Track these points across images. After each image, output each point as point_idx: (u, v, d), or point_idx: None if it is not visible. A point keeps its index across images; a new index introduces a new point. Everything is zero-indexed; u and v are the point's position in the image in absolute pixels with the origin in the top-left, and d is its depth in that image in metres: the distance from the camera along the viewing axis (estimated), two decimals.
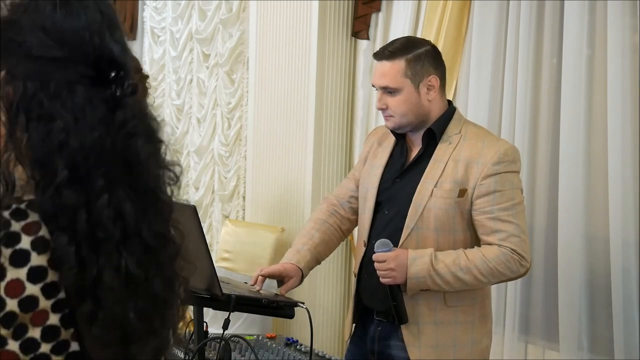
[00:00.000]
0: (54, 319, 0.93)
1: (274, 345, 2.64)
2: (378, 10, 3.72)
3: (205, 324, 2.11)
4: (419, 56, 2.24)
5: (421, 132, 2.30)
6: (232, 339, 2.09)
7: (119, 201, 0.94)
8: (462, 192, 2.21)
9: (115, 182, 0.95)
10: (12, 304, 0.90)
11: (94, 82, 0.97)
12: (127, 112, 0.98)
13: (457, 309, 2.26)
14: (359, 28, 3.80)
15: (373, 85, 2.33)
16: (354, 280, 2.46)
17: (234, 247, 4.10)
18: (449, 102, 2.36)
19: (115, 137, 0.96)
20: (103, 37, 0.98)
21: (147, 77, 3.15)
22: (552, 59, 3.06)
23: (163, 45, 4.99)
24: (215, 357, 1.99)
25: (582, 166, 2.89)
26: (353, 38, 3.87)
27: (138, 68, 3.09)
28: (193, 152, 4.68)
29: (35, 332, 0.92)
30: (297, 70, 3.91)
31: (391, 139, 2.39)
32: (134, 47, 5.46)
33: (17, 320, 0.91)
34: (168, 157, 1.06)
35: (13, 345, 0.92)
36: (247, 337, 2.69)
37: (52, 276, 0.92)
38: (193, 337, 2.09)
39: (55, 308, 0.93)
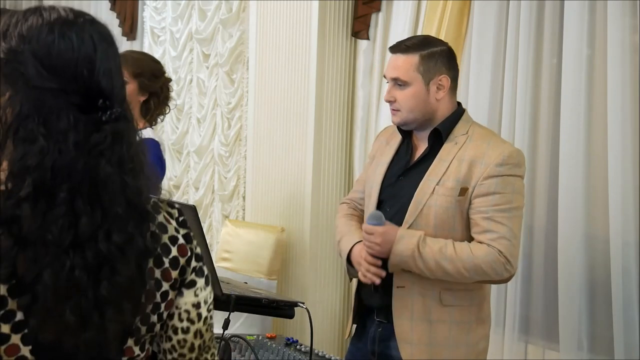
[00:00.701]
0: (2, 290, 1.05)
1: (274, 345, 2.64)
2: (378, 10, 3.72)
3: None
4: (433, 54, 2.26)
5: (427, 132, 2.30)
6: (232, 339, 2.09)
7: (76, 213, 1.06)
8: (463, 191, 2.21)
9: (77, 196, 1.07)
10: None
11: (82, 109, 1.10)
12: (102, 135, 1.10)
13: (452, 309, 2.26)
14: (359, 28, 3.80)
15: (384, 77, 2.35)
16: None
17: (234, 247, 4.10)
18: (459, 104, 2.36)
19: (86, 158, 1.08)
20: (92, 71, 1.11)
21: (169, 80, 3.14)
22: (552, 59, 3.06)
23: (163, 45, 4.99)
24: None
25: (582, 166, 2.89)
26: (353, 38, 3.87)
27: (156, 74, 3.05)
28: (193, 152, 4.68)
29: None
30: (297, 70, 3.91)
31: (398, 138, 2.40)
32: (134, 47, 5.46)
33: None
34: (136, 181, 1.14)
35: None
36: (247, 337, 2.69)
37: None
38: None
39: (2, 280, 1.05)
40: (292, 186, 3.95)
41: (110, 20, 5.67)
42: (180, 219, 1.25)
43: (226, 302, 1.98)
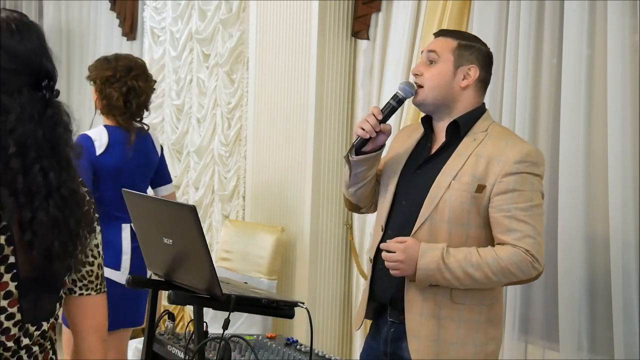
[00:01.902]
0: (2, 240, 1.42)
1: (274, 345, 2.65)
2: (378, 10, 3.72)
3: (205, 324, 2.11)
4: (471, 47, 2.31)
5: (446, 123, 2.30)
6: (232, 339, 2.09)
7: (45, 168, 1.45)
8: (480, 188, 2.20)
9: (43, 156, 1.45)
10: None
11: (32, 87, 1.47)
12: (54, 109, 1.49)
13: (462, 307, 2.24)
14: (359, 28, 3.80)
15: (421, 53, 2.40)
16: (369, 266, 2.44)
17: (234, 247, 4.10)
18: (483, 103, 2.37)
19: (45, 126, 1.46)
20: (41, 58, 1.49)
21: (149, 77, 3.33)
22: (552, 59, 3.06)
23: (163, 45, 4.99)
24: (215, 357, 1.99)
25: (582, 166, 2.89)
26: (353, 38, 3.87)
27: (129, 67, 3.28)
28: (193, 152, 4.68)
29: None
30: (297, 70, 3.91)
31: (420, 132, 2.41)
32: (134, 47, 5.46)
33: None
34: (73, 141, 1.53)
35: None
36: (247, 337, 2.69)
37: None
38: (193, 337, 2.09)
39: (1, 232, 1.41)
40: (292, 186, 3.95)
41: (110, 20, 5.68)
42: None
43: (226, 302, 1.98)
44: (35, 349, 1.52)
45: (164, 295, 3.48)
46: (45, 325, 1.53)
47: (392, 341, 2.32)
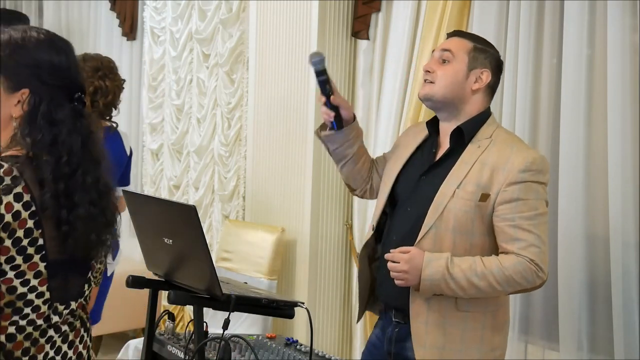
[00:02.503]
0: (30, 224, 1.57)
1: (274, 345, 2.65)
2: (378, 10, 3.72)
3: (205, 324, 2.11)
4: (485, 51, 2.32)
5: (451, 126, 2.29)
6: (232, 339, 2.09)
7: (85, 172, 1.65)
8: (484, 197, 2.18)
9: (82, 160, 1.65)
10: (8, 217, 1.56)
11: (69, 100, 1.67)
12: (87, 119, 1.70)
13: (467, 315, 2.23)
14: (359, 28, 3.80)
15: (432, 52, 2.38)
16: (361, 262, 2.46)
17: (234, 247, 4.10)
18: (488, 108, 2.36)
19: (83, 135, 1.67)
20: (76, 73, 1.70)
21: (117, 77, 3.46)
22: (552, 59, 3.06)
23: (163, 45, 4.99)
24: (215, 357, 1.99)
25: (582, 166, 2.89)
26: (353, 38, 3.87)
27: (96, 67, 3.36)
28: (193, 152, 4.68)
29: (20, 233, 1.57)
30: (297, 70, 3.91)
31: (424, 134, 2.41)
32: (134, 47, 5.46)
33: (10, 227, 1.56)
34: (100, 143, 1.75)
35: (7, 243, 1.56)
36: (247, 337, 2.69)
37: (26, 197, 1.57)
38: (193, 337, 2.09)
39: (30, 216, 1.57)
40: (292, 186, 3.95)
41: (110, 20, 5.68)
42: None
43: (226, 302, 1.98)
44: (65, 327, 1.67)
45: (164, 295, 3.48)
46: (73, 305, 1.68)
47: (397, 341, 2.32)
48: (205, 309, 2.05)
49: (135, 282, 2.18)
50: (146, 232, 2.20)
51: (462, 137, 2.28)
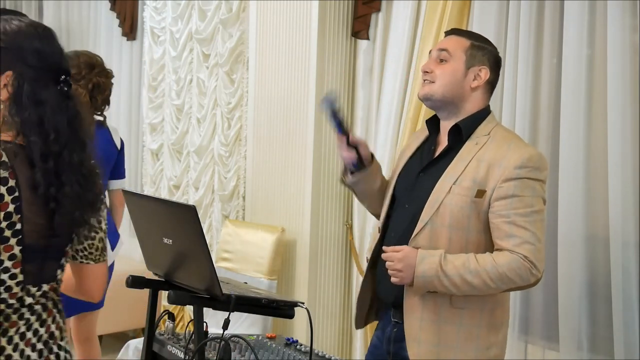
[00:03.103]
0: (11, 208, 1.63)
1: (274, 345, 2.64)
2: (378, 10, 3.72)
3: (205, 324, 2.11)
4: (483, 48, 2.31)
5: (452, 123, 2.29)
6: (232, 339, 2.09)
7: (71, 151, 1.71)
8: (480, 193, 2.18)
9: (69, 141, 1.71)
10: None
11: (55, 82, 1.74)
12: (73, 101, 1.76)
13: (462, 311, 2.23)
14: (359, 28, 3.80)
15: (429, 52, 2.37)
16: (365, 264, 2.46)
17: (234, 247, 4.10)
18: (488, 106, 2.36)
19: (69, 115, 1.74)
20: (60, 57, 1.77)
21: (109, 73, 3.53)
22: (552, 59, 3.06)
23: (163, 45, 4.99)
24: (215, 357, 1.99)
25: (582, 166, 2.89)
26: (353, 38, 3.87)
27: (91, 64, 3.43)
28: (193, 152, 4.68)
29: None
30: (297, 70, 3.91)
31: (425, 134, 2.41)
32: (134, 47, 5.47)
33: None
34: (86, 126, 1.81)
35: None
36: (247, 337, 2.69)
37: (11, 182, 1.64)
38: (193, 337, 2.09)
39: (13, 201, 1.64)
40: (292, 186, 3.95)
41: (110, 20, 5.68)
42: None
43: (226, 302, 1.98)
44: (38, 307, 1.73)
45: (164, 295, 3.48)
46: (45, 287, 1.75)
47: (395, 341, 2.32)
48: (205, 309, 2.05)
49: (135, 282, 2.18)
50: (146, 232, 2.20)
51: (460, 134, 2.28)
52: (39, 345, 1.74)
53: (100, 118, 3.51)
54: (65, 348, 1.81)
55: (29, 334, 1.72)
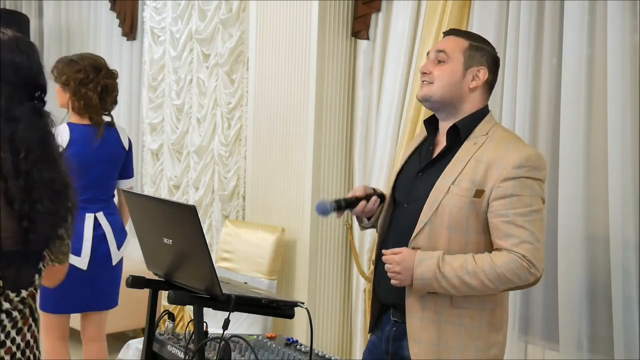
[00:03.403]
0: None
1: (274, 345, 2.64)
2: (378, 10, 3.72)
3: (205, 324, 2.11)
4: (482, 49, 2.30)
5: (450, 124, 2.29)
6: (232, 339, 2.09)
7: (42, 169, 1.70)
8: (479, 193, 2.18)
9: (40, 159, 1.70)
10: None
11: (29, 98, 1.73)
12: (45, 118, 1.76)
13: (462, 311, 2.22)
14: (359, 28, 3.80)
15: (427, 53, 2.36)
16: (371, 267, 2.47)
17: (234, 247, 4.10)
18: (486, 106, 2.36)
19: (40, 133, 1.73)
20: (37, 73, 1.76)
21: (115, 73, 3.55)
22: (552, 59, 3.06)
23: (163, 45, 4.99)
24: (215, 357, 1.99)
25: (582, 166, 2.89)
26: (353, 38, 3.87)
27: (96, 66, 3.44)
28: (193, 152, 4.68)
29: None
30: (297, 70, 3.91)
31: (423, 135, 2.41)
32: (134, 47, 5.46)
33: None
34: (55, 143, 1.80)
35: None
36: (247, 337, 2.69)
37: None
38: (193, 337, 2.09)
39: None
40: (292, 186, 3.95)
41: (110, 20, 5.68)
42: None
43: (226, 302, 1.98)
44: (15, 314, 1.74)
45: (164, 295, 3.48)
46: (24, 293, 1.75)
47: (394, 340, 2.32)
48: (205, 309, 2.05)
49: (135, 282, 2.18)
50: (146, 232, 2.20)
51: (458, 135, 2.28)
52: (18, 354, 1.74)
53: (109, 118, 3.53)
54: (39, 358, 1.82)
55: (8, 342, 1.72)
